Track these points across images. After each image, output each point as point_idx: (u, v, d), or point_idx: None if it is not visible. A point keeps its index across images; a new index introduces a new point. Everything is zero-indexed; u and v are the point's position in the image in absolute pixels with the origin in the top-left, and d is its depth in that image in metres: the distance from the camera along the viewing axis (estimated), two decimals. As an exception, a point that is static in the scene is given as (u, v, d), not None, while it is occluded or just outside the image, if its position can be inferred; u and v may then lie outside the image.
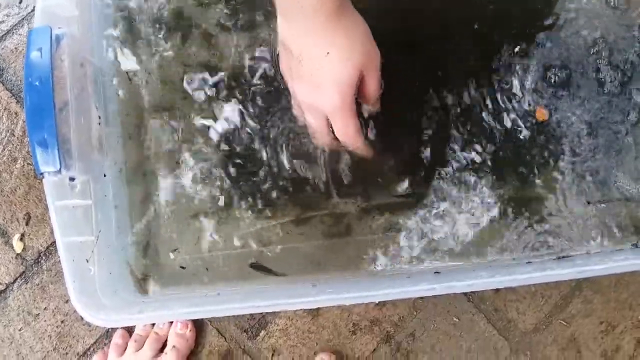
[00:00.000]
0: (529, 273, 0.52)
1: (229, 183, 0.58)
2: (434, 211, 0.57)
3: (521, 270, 0.53)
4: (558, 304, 0.71)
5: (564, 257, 0.57)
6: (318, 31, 0.45)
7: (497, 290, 0.71)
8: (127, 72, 0.59)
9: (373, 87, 0.50)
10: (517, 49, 0.58)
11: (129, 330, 0.69)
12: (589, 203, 0.57)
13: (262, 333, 0.71)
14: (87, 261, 0.54)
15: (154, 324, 0.68)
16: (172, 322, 0.68)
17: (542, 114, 0.57)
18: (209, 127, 0.59)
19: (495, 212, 0.57)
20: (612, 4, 0.58)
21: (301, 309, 0.71)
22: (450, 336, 0.71)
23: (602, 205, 0.57)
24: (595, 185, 0.57)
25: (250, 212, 0.58)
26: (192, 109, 0.59)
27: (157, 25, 0.60)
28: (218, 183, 0.58)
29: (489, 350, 0.71)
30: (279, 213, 0.58)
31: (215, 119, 0.58)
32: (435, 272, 0.57)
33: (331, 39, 0.45)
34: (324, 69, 0.46)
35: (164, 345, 0.68)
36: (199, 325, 0.70)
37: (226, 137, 0.58)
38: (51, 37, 0.52)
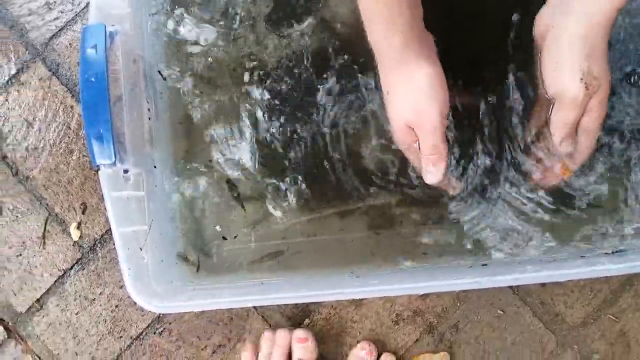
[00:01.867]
0: (577, 267, 0.52)
1: (275, 175, 0.59)
2: (481, 203, 0.57)
3: (569, 265, 0.53)
4: (607, 298, 0.70)
5: (617, 251, 0.56)
6: (386, 71, 0.49)
7: (544, 283, 0.70)
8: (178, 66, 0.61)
9: (423, 146, 0.49)
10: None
11: (257, 342, 0.71)
12: None
13: (306, 321, 0.72)
14: (141, 249, 0.56)
15: (275, 332, 0.70)
16: (291, 332, 0.70)
17: (566, 170, 0.55)
18: (257, 119, 0.60)
19: (547, 205, 0.56)
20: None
21: (344, 299, 0.71)
22: (494, 328, 0.70)
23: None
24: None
25: (296, 203, 0.59)
26: (241, 100, 0.60)
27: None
28: (264, 175, 0.59)
29: (535, 344, 0.70)
30: (323, 205, 0.59)
31: (265, 111, 0.59)
32: (482, 265, 0.57)
33: (393, 84, 0.49)
34: (386, 106, 0.51)
35: (290, 354, 0.70)
36: (244, 313, 0.72)
37: (274, 129, 0.59)
38: (105, 34, 0.54)
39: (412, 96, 0.47)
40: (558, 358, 0.70)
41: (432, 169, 0.49)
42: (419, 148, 0.49)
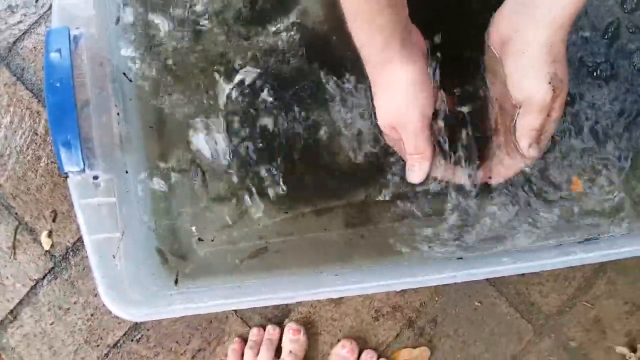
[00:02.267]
0: (552, 258, 0.52)
1: (250, 175, 0.59)
2: (458, 198, 0.57)
3: (545, 255, 0.53)
4: (582, 286, 0.71)
5: (588, 239, 0.56)
6: (370, 70, 0.48)
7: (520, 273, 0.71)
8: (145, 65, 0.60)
9: (406, 146, 0.49)
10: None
11: (244, 338, 0.71)
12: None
13: (286, 321, 0.72)
14: (114, 257, 0.55)
15: (264, 328, 0.71)
16: (282, 327, 0.71)
17: (577, 185, 0.56)
18: (232, 118, 0.59)
19: (522, 198, 0.57)
20: None
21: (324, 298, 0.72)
22: (472, 321, 0.71)
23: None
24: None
25: (273, 203, 0.58)
26: (214, 99, 0.59)
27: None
28: (240, 175, 0.59)
29: (512, 334, 0.71)
30: (300, 204, 0.58)
31: (239, 111, 0.59)
32: (458, 258, 0.57)
33: (377, 84, 0.48)
34: (374, 105, 0.50)
35: (278, 349, 0.70)
36: (223, 316, 0.72)
37: (249, 129, 0.59)
38: (69, 37, 0.52)
39: (393, 97, 0.47)
40: (535, 347, 0.71)
41: (415, 169, 0.49)
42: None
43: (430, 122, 0.48)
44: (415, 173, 0.50)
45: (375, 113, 0.50)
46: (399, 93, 0.47)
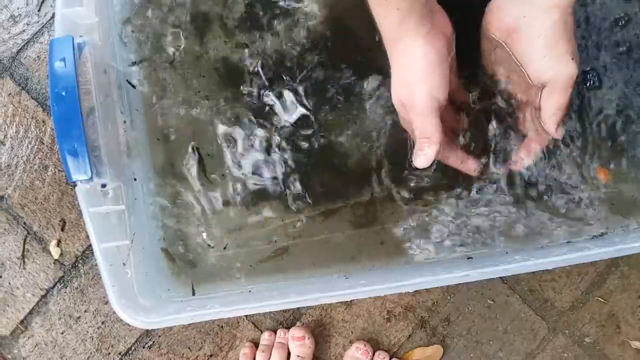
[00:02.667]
0: (565, 254, 0.52)
1: (258, 179, 0.58)
2: (466, 196, 0.57)
3: (557, 252, 0.53)
4: (595, 281, 0.71)
5: (599, 235, 0.56)
6: (387, 47, 0.47)
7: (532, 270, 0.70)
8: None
9: (414, 127, 0.47)
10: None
11: (255, 342, 0.71)
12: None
13: (298, 324, 0.71)
14: (124, 264, 0.54)
15: (275, 332, 0.71)
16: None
17: (605, 174, 0.56)
18: (237, 123, 0.59)
19: (532, 194, 0.56)
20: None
21: (335, 300, 0.71)
22: (485, 319, 0.71)
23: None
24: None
25: (281, 205, 0.58)
26: (219, 105, 0.59)
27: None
28: (247, 179, 0.58)
29: (526, 331, 0.71)
30: (308, 206, 0.58)
31: (244, 114, 0.58)
32: (467, 258, 0.56)
33: (392, 61, 0.47)
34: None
35: (289, 352, 0.70)
36: (234, 321, 0.71)
37: (255, 132, 0.58)
38: (73, 46, 0.52)
39: (405, 74, 0.46)
40: (550, 344, 0.71)
41: (421, 153, 0.48)
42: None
43: (441, 106, 0.47)
44: (420, 158, 0.48)
45: (391, 90, 0.49)
46: (411, 71, 0.46)
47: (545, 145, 0.53)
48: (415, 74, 0.46)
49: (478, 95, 0.54)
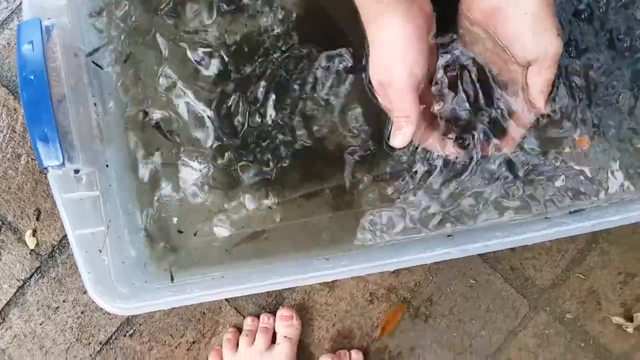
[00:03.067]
0: (544, 230, 0.52)
1: (236, 162, 0.58)
2: (443, 174, 0.57)
3: (536, 228, 0.53)
4: (575, 258, 0.71)
5: (577, 210, 0.56)
6: (365, 26, 0.46)
7: (513, 249, 0.71)
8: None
9: (393, 106, 0.47)
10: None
11: (238, 327, 0.70)
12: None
13: (281, 308, 0.71)
14: (100, 251, 0.54)
15: (258, 317, 0.70)
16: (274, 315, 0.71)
17: (583, 142, 0.56)
18: (210, 104, 0.58)
19: (506, 171, 0.56)
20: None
21: (317, 283, 0.71)
22: (467, 298, 0.71)
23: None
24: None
25: (257, 190, 0.58)
26: (190, 83, 0.58)
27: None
28: (225, 162, 0.58)
29: (508, 309, 0.71)
30: (288, 189, 0.57)
31: (219, 95, 0.57)
32: (448, 236, 0.56)
33: (369, 40, 0.46)
34: None
35: (274, 336, 0.70)
36: (216, 307, 0.71)
37: (231, 112, 0.58)
38: (41, 28, 0.51)
39: (383, 52, 0.46)
40: (531, 321, 0.71)
41: (398, 132, 0.47)
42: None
43: (420, 85, 0.46)
44: (397, 137, 0.47)
45: (369, 70, 0.48)
46: (389, 48, 0.45)
47: (528, 125, 0.53)
48: (394, 51, 0.45)
49: (458, 76, 0.54)
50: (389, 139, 0.48)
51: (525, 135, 0.54)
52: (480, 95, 0.53)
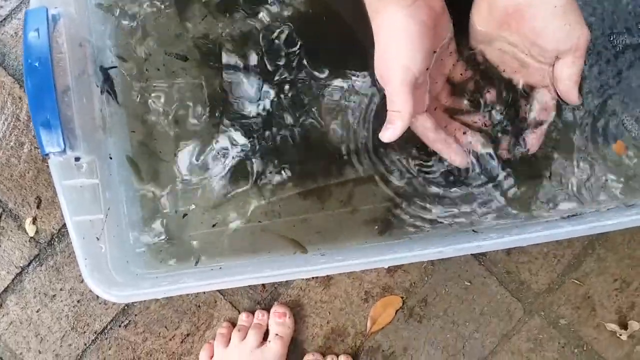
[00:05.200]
0: (538, 232, 0.52)
1: (238, 156, 0.58)
2: (443, 174, 0.57)
3: (530, 230, 0.53)
4: (571, 264, 0.71)
5: (573, 215, 0.56)
6: (370, 16, 0.47)
7: (509, 252, 0.71)
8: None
9: (388, 101, 0.47)
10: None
11: (233, 322, 0.71)
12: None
13: (275, 304, 0.71)
14: (98, 239, 0.54)
15: (253, 313, 0.71)
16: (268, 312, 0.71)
17: (621, 147, 0.56)
18: (219, 97, 0.58)
19: (503, 174, 0.57)
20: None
21: (313, 279, 0.71)
22: (462, 300, 0.71)
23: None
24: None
25: (258, 184, 0.58)
26: (202, 80, 0.58)
27: None
28: (227, 157, 0.58)
29: (503, 312, 0.71)
30: (287, 185, 0.58)
31: (225, 90, 0.58)
32: (445, 236, 0.57)
33: (374, 33, 0.47)
34: None
35: (267, 333, 0.70)
36: (212, 300, 0.71)
37: (237, 111, 0.58)
38: (47, 17, 0.51)
39: (384, 45, 0.46)
40: (525, 325, 0.71)
41: (390, 126, 0.46)
42: None
43: (416, 81, 0.46)
44: (388, 130, 0.47)
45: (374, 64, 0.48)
46: (390, 43, 0.46)
47: (550, 122, 0.53)
48: (394, 46, 0.45)
49: (472, 76, 0.53)
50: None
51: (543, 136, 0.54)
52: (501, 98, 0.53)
